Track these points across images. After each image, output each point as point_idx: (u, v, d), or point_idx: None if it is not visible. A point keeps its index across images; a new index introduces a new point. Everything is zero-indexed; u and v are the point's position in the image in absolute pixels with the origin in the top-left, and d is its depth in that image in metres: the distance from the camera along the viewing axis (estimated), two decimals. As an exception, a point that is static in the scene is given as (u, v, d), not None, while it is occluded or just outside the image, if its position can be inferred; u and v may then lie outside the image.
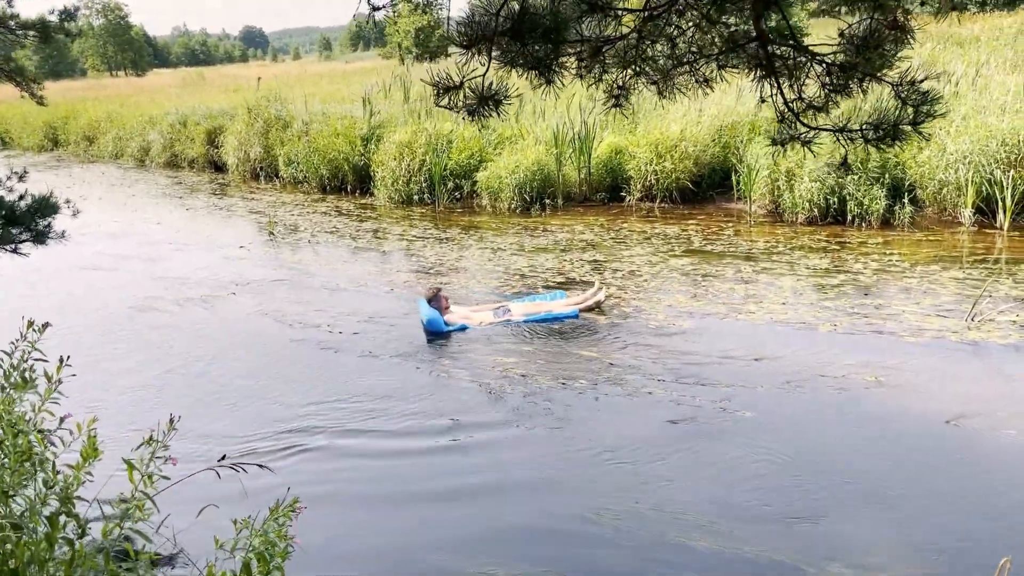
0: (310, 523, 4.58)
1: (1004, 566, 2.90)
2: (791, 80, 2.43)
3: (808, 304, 7.95)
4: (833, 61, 2.36)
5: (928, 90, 2.43)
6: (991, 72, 13.41)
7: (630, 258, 10.02)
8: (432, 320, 7.58)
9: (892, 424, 5.53)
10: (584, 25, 2.36)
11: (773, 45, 2.32)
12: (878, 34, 2.15)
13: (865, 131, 2.45)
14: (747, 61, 2.41)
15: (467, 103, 2.36)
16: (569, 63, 2.43)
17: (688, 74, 2.60)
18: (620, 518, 4.57)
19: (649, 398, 6.13)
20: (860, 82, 2.39)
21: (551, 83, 2.37)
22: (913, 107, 2.39)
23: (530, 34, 2.10)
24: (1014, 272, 8.57)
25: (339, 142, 15.82)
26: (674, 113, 13.83)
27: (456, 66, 2.26)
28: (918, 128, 2.44)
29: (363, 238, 12.06)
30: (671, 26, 2.46)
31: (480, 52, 2.15)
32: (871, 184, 10.80)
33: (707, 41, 2.47)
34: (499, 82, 2.32)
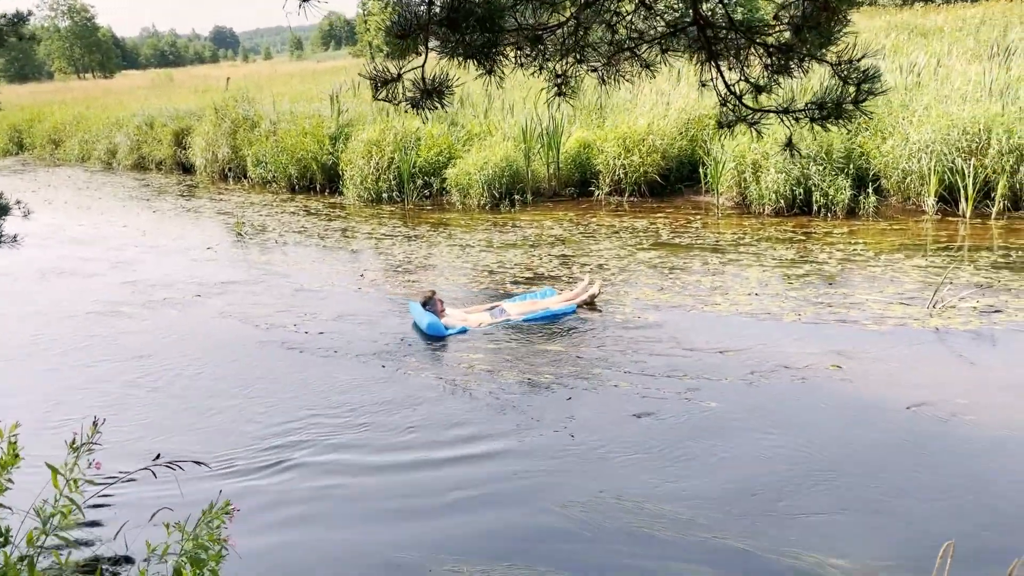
0: (259, 528, 4.54)
1: (947, 549, 2.93)
2: (732, 62, 2.44)
3: (774, 295, 8.01)
4: (773, 42, 2.37)
5: (867, 68, 2.44)
6: (952, 62, 13.58)
7: (598, 252, 10.04)
8: (432, 324, 7.40)
9: (853, 412, 5.58)
10: (521, 13, 2.35)
11: (712, 28, 2.33)
12: (814, 15, 2.16)
13: (810, 111, 2.45)
14: (688, 45, 2.42)
15: (408, 96, 2.33)
16: (509, 52, 2.42)
17: (631, 60, 2.60)
18: (587, 511, 4.56)
19: (615, 391, 6.13)
20: (800, 62, 2.40)
21: (492, 73, 2.35)
22: (854, 86, 2.39)
23: (466, 23, 2.08)
24: (975, 259, 8.69)
25: (307, 141, 15.70)
26: (641, 107, 13.88)
27: (391, 60, 2.23)
28: (860, 106, 2.45)
29: (332, 237, 11.98)
30: (609, 12, 2.45)
31: (415, 43, 2.12)
32: (836, 175, 10.91)
33: (647, 26, 2.47)
34: (440, 73, 2.29)
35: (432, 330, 7.40)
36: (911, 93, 11.92)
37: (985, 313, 7.13)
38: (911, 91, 12.02)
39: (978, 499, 4.48)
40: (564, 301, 7.90)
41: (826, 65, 2.37)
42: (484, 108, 15.94)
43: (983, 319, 7.01)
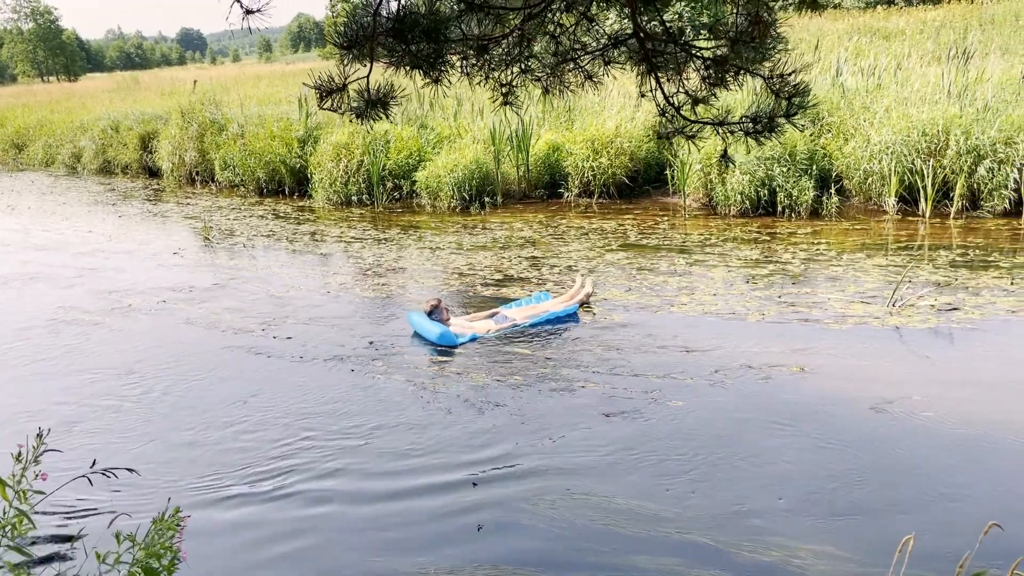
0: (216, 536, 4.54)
1: (906, 543, 3.02)
2: (671, 74, 2.50)
3: (739, 295, 8.12)
4: (710, 56, 2.43)
5: (799, 82, 2.51)
6: (912, 64, 13.84)
7: (567, 253, 10.11)
8: (444, 334, 7.20)
9: (815, 409, 5.68)
10: (467, 24, 2.39)
11: (651, 41, 2.39)
12: (749, 29, 2.23)
13: (744, 124, 2.52)
14: (629, 57, 2.47)
15: (353, 106, 2.36)
16: (456, 61, 2.46)
17: (574, 71, 2.65)
18: (556, 507, 4.61)
19: (583, 391, 6.19)
20: (736, 75, 2.46)
21: (438, 82, 2.39)
22: (786, 99, 2.46)
23: (412, 33, 2.11)
24: (934, 258, 8.87)
25: (276, 144, 15.62)
26: (609, 110, 13.99)
27: (337, 67, 2.26)
28: (792, 120, 2.52)
29: (301, 241, 11.94)
30: (552, 24, 2.50)
31: (361, 53, 2.15)
32: (800, 176, 11.07)
33: (590, 38, 2.52)
34: (386, 83, 2.32)
35: (444, 340, 7.20)
36: (872, 95, 12.13)
37: (943, 311, 7.29)
38: (872, 93, 12.23)
39: (936, 494, 4.59)
40: (565, 302, 7.89)
41: (760, 79, 2.44)
42: (454, 111, 15.96)
43: (941, 317, 7.17)
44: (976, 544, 3.01)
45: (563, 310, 7.77)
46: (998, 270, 8.30)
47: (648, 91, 2.53)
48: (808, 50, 16.27)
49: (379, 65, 2.32)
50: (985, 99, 11.07)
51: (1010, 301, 7.41)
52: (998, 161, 10.17)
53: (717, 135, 2.60)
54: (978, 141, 10.18)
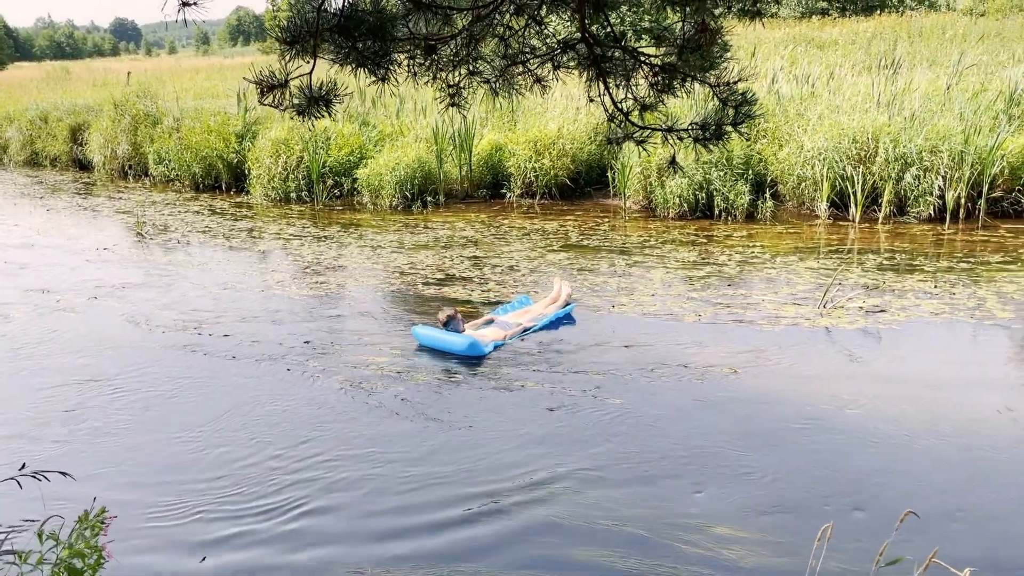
0: (141, 538, 4.44)
1: (825, 531, 3.14)
2: (620, 80, 2.55)
3: (676, 296, 8.27)
4: (659, 63, 2.48)
5: (746, 91, 2.58)
6: (844, 74, 14.28)
7: (509, 254, 10.14)
8: (474, 345, 6.83)
9: (747, 406, 5.84)
10: (414, 23, 2.39)
11: (600, 47, 2.42)
12: (695, 36, 2.28)
13: (692, 131, 2.58)
14: (579, 62, 2.50)
15: (294, 103, 2.33)
16: (402, 60, 2.45)
17: (523, 74, 2.67)
18: (493, 502, 4.63)
19: (523, 390, 6.23)
20: (683, 82, 2.52)
21: (384, 81, 2.39)
22: (733, 108, 2.53)
23: (357, 30, 2.10)
24: (863, 261, 9.18)
25: (213, 139, 15.29)
26: (552, 111, 14.08)
27: (279, 63, 2.23)
28: (738, 128, 2.59)
29: (238, 237, 11.71)
30: (501, 26, 2.52)
31: (304, 49, 2.13)
32: (736, 180, 11.33)
33: (539, 41, 2.54)
34: (329, 80, 2.30)
35: (475, 351, 6.85)
36: (806, 103, 12.48)
37: (871, 313, 7.55)
38: (806, 101, 12.59)
39: (858, 485, 4.77)
40: (555, 304, 7.81)
41: (707, 86, 2.50)
42: (396, 109, 15.86)
43: (869, 318, 7.42)
44: (893, 532, 3.15)
45: (562, 311, 7.72)
46: (923, 274, 8.63)
47: (597, 96, 2.57)
48: (746, 57, 16.65)
49: (323, 62, 2.30)
50: (912, 109, 11.49)
51: (933, 304, 7.71)
52: (924, 169, 10.57)
53: (666, 142, 2.65)
54: (905, 149, 10.57)
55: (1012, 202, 10.76)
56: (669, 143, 2.62)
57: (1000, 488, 4.73)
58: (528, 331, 7.38)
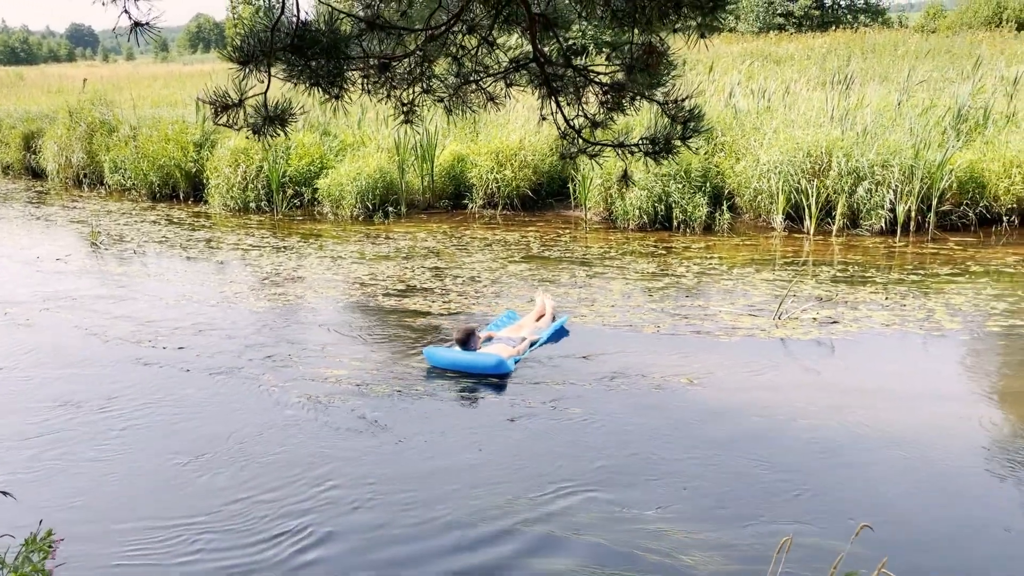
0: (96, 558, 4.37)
1: (784, 544, 3.20)
2: (571, 98, 2.60)
3: (635, 307, 8.36)
4: (608, 81, 2.53)
5: (693, 107, 2.65)
6: (799, 88, 14.59)
7: (471, 264, 10.16)
8: (501, 363, 6.62)
9: (704, 416, 5.93)
10: (368, 42, 2.41)
11: (550, 66, 2.47)
12: (643, 57, 2.34)
13: (643, 145, 2.64)
14: (530, 80, 2.55)
15: (250, 121, 2.34)
16: (357, 78, 2.47)
17: (476, 92, 2.71)
18: (450, 512, 4.64)
19: (482, 401, 6.25)
20: (632, 101, 2.58)
21: (339, 99, 2.40)
22: (681, 124, 2.60)
23: (311, 50, 2.12)
24: (817, 274, 9.37)
25: (170, 148, 15.09)
26: (514, 123, 14.16)
27: (234, 82, 2.23)
28: (687, 143, 2.65)
29: (195, 248, 11.56)
30: (454, 46, 2.55)
31: (258, 69, 2.14)
32: (694, 192, 11.49)
33: (491, 61, 2.58)
34: (283, 99, 2.31)
35: (503, 369, 6.64)
36: (762, 117, 12.72)
37: (824, 324, 7.71)
38: (762, 115, 12.83)
39: (814, 497, 4.86)
40: (544, 318, 7.72)
41: (656, 104, 2.56)
42: (358, 119, 15.82)
43: (822, 329, 7.57)
44: (848, 545, 3.22)
45: (558, 323, 7.67)
46: (874, 286, 8.84)
47: (549, 114, 2.61)
48: (704, 71, 16.92)
49: (277, 80, 2.30)
50: (864, 124, 11.78)
51: (885, 315, 7.90)
52: (875, 183, 10.83)
53: (618, 156, 2.71)
54: (858, 163, 10.82)
55: (960, 215, 11.07)
56: (621, 157, 2.68)
57: (950, 497, 4.86)
58: (533, 345, 7.24)
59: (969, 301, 8.22)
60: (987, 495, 4.88)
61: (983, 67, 15.18)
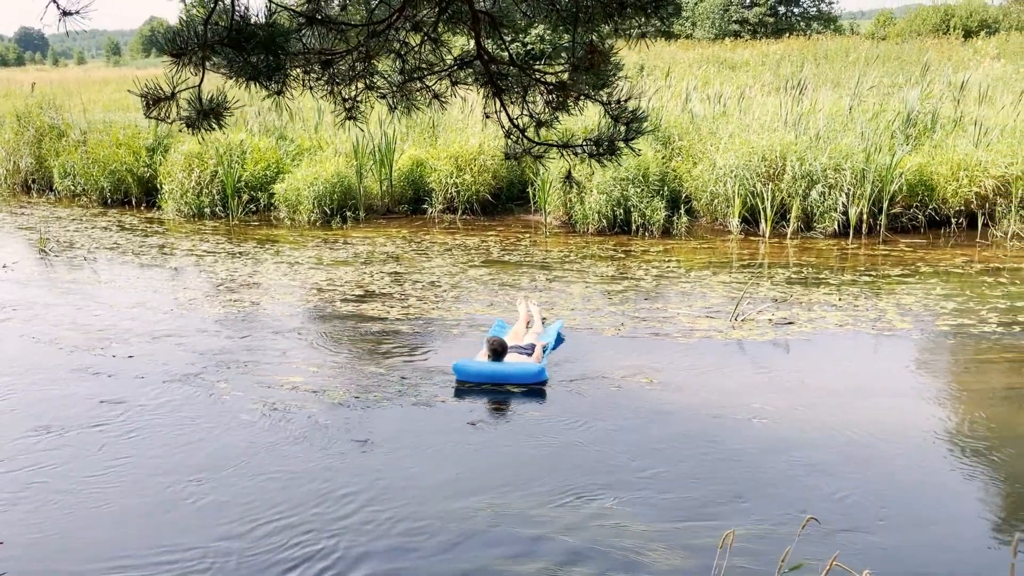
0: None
1: (726, 537, 3.23)
2: (516, 97, 2.58)
3: (595, 309, 8.38)
4: (553, 81, 2.53)
5: (636, 109, 2.66)
6: (754, 94, 14.79)
7: (430, 269, 10.11)
8: (542, 371, 6.52)
9: (662, 417, 5.97)
10: (308, 37, 2.37)
11: (495, 64, 2.46)
12: (587, 57, 2.34)
13: (587, 146, 2.64)
14: (476, 79, 2.53)
15: (183, 115, 2.28)
16: (297, 74, 2.43)
17: (421, 90, 2.68)
18: (414, 516, 4.59)
19: (442, 405, 6.21)
20: (576, 101, 2.57)
21: (280, 94, 2.36)
22: (625, 125, 2.60)
23: (248, 44, 2.07)
24: (772, 275, 9.50)
25: (122, 152, 14.79)
26: (473, 127, 14.14)
27: (166, 75, 2.18)
28: (630, 144, 2.65)
29: (148, 254, 11.33)
30: (398, 42, 2.53)
31: (192, 62, 2.09)
32: (653, 196, 11.58)
33: (436, 58, 2.56)
34: (219, 93, 2.26)
35: (543, 376, 6.54)
36: (718, 122, 12.87)
37: (780, 325, 7.80)
38: (718, 120, 12.98)
39: (765, 492, 4.93)
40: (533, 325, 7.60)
41: (600, 104, 2.56)
42: (315, 123, 15.67)
43: (778, 331, 7.67)
44: (796, 538, 3.25)
45: (556, 327, 7.58)
46: (828, 287, 8.98)
47: (493, 112, 2.60)
48: (660, 76, 17.08)
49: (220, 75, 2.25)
50: (817, 128, 11.98)
51: (838, 316, 8.02)
52: (828, 186, 11.02)
53: (562, 157, 2.70)
54: (811, 167, 11.00)
55: (910, 218, 11.30)
56: (565, 158, 2.67)
57: (898, 492, 4.94)
58: (546, 351, 7.10)
59: (919, 301, 8.39)
60: (933, 489, 4.98)
61: (931, 73, 15.55)
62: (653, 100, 13.92)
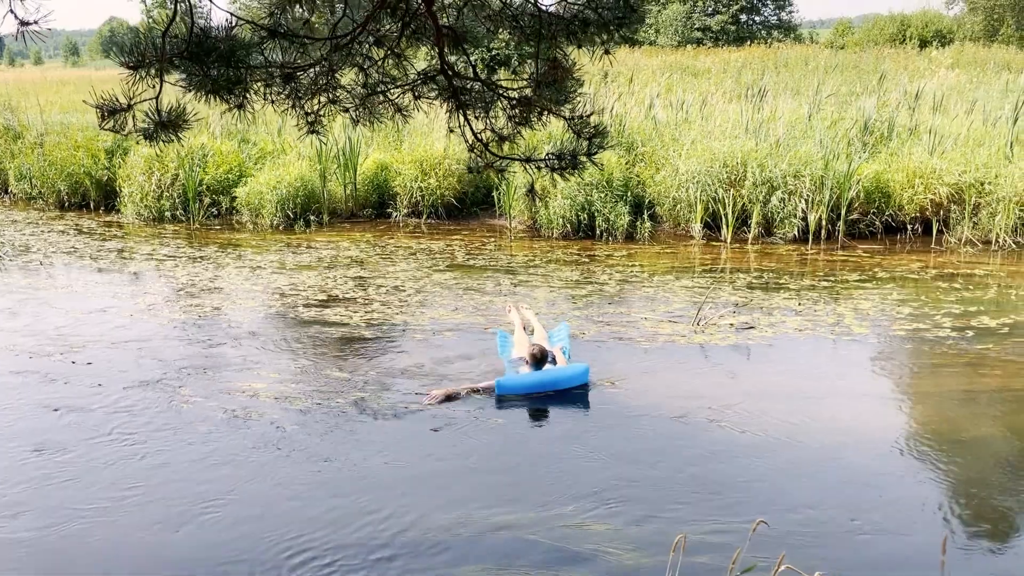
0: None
1: (679, 541, 3.28)
2: (479, 112, 2.61)
3: (559, 314, 8.43)
4: (516, 96, 2.55)
5: (598, 123, 2.70)
6: (716, 101, 14.99)
7: (395, 274, 10.08)
8: (587, 370, 6.56)
9: (623, 419, 6.07)
10: (270, 51, 2.37)
11: (458, 79, 2.47)
12: (549, 73, 2.37)
13: (550, 160, 2.67)
14: (439, 93, 2.55)
15: (141, 127, 2.26)
16: (260, 88, 2.42)
17: (384, 103, 2.69)
18: (380, 520, 4.59)
19: (405, 412, 6.20)
20: (539, 115, 2.60)
21: (241, 108, 2.35)
22: (587, 139, 2.63)
23: (208, 57, 2.06)
24: (733, 280, 9.63)
25: (80, 155, 14.52)
26: (438, 131, 14.12)
27: (123, 85, 2.16)
28: (592, 158, 2.69)
29: (106, 258, 11.14)
30: (361, 56, 2.53)
31: (149, 75, 2.07)
32: (616, 202, 11.67)
33: (399, 72, 2.57)
34: (178, 104, 2.24)
35: (587, 376, 6.57)
36: (681, 128, 13.02)
37: (741, 330, 7.92)
38: (681, 126, 13.14)
39: (720, 494, 5.02)
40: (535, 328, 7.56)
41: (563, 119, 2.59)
42: (278, 126, 15.53)
43: (739, 335, 7.78)
44: (747, 540, 3.33)
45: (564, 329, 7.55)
46: (788, 292, 9.13)
47: (457, 127, 2.61)
48: (624, 83, 17.23)
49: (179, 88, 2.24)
50: (777, 135, 12.18)
51: (797, 321, 8.16)
52: (788, 192, 11.20)
53: (525, 171, 2.72)
54: (771, 174, 11.18)
55: (868, 224, 11.54)
56: (528, 172, 2.70)
57: (851, 493, 5.06)
58: (565, 353, 7.07)
59: (876, 306, 8.57)
60: (885, 490, 5.11)
61: (887, 82, 15.89)
62: (617, 106, 14.02)
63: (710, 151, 11.61)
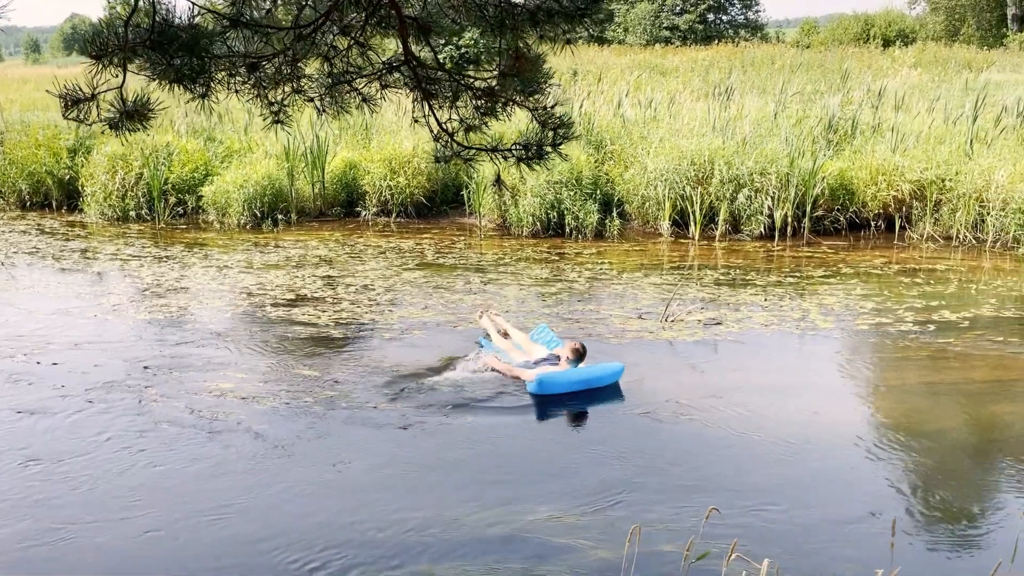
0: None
1: (633, 532, 3.33)
2: (445, 102, 2.61)
3: (529, 312, 8.45)
4: (482, 87, 2.56)
5: (563, 115, 2.71)
6: (684, 99, 15.12)
7: (364, 272, 10.03)
8: (623, 369, 6.59)
9: (589, 414, 6.12)
10: (233, 40, 2.35)
11: (424, 69, 2.48)
12: (512, 64, 2.38)
13: (516, 151, 2.68)
14: (405, 83, 2.55)
15: (106, 117, 2.23)
16: (223, 78, 2.40)
17: (350, 93, 2.68)
18: (357, 520, 4.57)
19: (374, 411, 6.17)
20: (504, 106, 2.61)
21: (205, 97, 2.33)
22: (552, 130, 2.65)
23: (171, 47, 2.04)
24: (701, 277, 9.72)
25: (41, 154, 14.26)
26: (407, 129, 14.07)
27: (86, 75, 2.13)
28: (557, 149, 2.71)
29: (70, 259, 10.96)
30: (325, 46, 2.52)
31: (113, 63, 2.04)
32: (586, 200, 11.73)
33: (364, 61, 2.57)
34: (143, 94, 2.22)
35: (621, 374, 6.61)
36: (649, 126, 13.11)
37: (708, 325, 7.99)
38: (649, 125, 13.23)
39: (679, 484, 5.12)
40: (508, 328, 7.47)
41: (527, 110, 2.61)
42: (245, 124, 15.37)
43: (707, 331, 7.85)
44: (700, 528, 3.39)
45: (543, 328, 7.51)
46: (755, 288, 9.24)
47: (422, 117, 2.61)
48: (593, 81, 17.31)
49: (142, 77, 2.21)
50: (744, 133, 12.31)
51: (764, 316, 8.26)
52: (755, 190, 11.33)
53: (492, 161, 2.73)
54: (738, 171, 11.30)
55: (832, 221, 11.70)
56: (494, 162, 2.71)
57: (811, 483, 5.17)
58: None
59: (840, 301, 8.70)
60: (843, 483, 5.21)
61: (851, 80, 16.13)
62: (586, 104, 14.08)
63: (678, 149, 11.70)
